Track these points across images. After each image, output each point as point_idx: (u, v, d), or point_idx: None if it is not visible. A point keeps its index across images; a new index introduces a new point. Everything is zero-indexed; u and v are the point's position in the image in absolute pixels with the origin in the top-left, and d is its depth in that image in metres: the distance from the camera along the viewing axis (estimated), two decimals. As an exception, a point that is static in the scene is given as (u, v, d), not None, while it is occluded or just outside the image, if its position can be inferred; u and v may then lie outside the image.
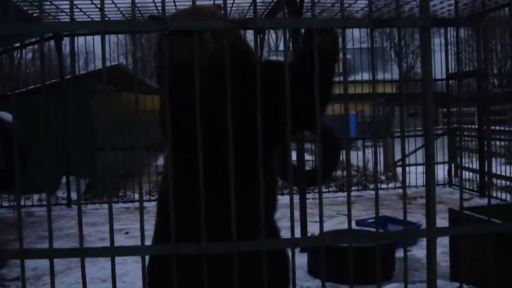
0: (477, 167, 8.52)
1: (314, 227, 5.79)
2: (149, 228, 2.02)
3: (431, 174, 1.74)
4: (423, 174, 7.70)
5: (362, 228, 5.35)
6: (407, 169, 8.72)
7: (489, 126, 8.19)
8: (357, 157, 9.97)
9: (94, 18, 7.67)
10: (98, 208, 8.34)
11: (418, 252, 5.18)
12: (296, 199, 5.16)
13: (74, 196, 8.56)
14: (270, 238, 1.86)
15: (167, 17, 1.67)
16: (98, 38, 8.28)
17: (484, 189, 8.14)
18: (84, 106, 9.11)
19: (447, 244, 4.16)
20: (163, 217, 2.18)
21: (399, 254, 4.69)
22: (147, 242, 1.71)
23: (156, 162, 9.15)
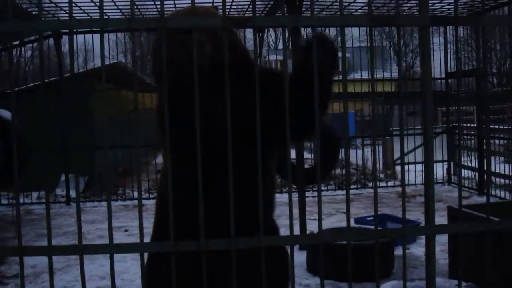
0: (476, 166, 8.53)
1: (313, 225, 5.80)
2: (148, 225, 2.02)
3: (430, 172, 1.75)
4: (422, 172, 7.71)
5: (361, 226, 5.35)
6: (406, 167, 8.73)
7: (488, 125, 8.20)
8: (356, 155, 9.98)
9: (93, 16, 7.67)
10: (97, 206, 8.35)
11: (417, 250, 5.19)
12: (295, 197, 5.20)
13: (73, 194, 8.57)
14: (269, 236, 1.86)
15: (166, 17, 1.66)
16: (97, 36, 8.29)
17: (483, 187, 8.15)
18: (83, 104, 9.11)
19: (446, 242, 4.17)
20: (162, 215, 2.18)
21: (398, 251, 4.70)
22: (146, 239, 1.71)
23: (155, 160, 9.15)
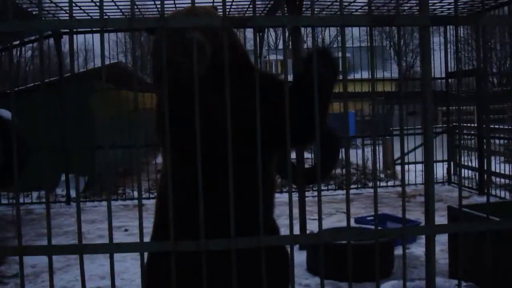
0: (476, 165, 8.53)
1: (313, 225, 5.80)
2: (148, 225, 2.02)
3: (430, 172, 1.75)
4: (422, 172, 7.70)
5: (361, 225, 5.35)
6: (406, 167, 8.71)
7: (488, 125, 8.19)
8: (356, 155, 9.98)
9: (93, 16, 7.67)
10: (97, 205, 8.35)
11: (417, 249, 5.19)
12: (295, 197, 5.20)
13: (73, 193, 8.57)
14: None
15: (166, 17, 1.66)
16: (98, 36, 8.28)
17: (483, 187, 8.15)
18: (83, 104, 9.11)
19: (446, 241, 4.17)
20: (162, 215, 2.18)
21: (398, 251, 4.70)
22: (146, 239, 1.71)
23: (155, 160, 9.15)
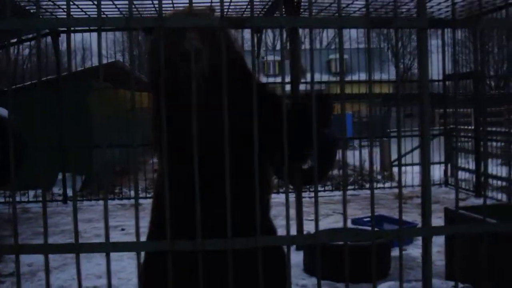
0: (473, 168, 8.55)
1: (310, 226, 5.79)
2: (144, 225, 2.02)
3: (427, 174, 1.75)
4: (419, 174, 7.71)
5: (358, 227, 5.36)
6: (403, 168, 8.77)
7: (485, 127, 8.21)
8: (353, 156, 9.99)
9: (91, 15, 7.66)
10: (94, 204, 8.34)
11: (413, 251, 5.20)
12: (292, 198, 5.19)
13: (70, 192, 8.55)
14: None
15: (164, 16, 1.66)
16: (95, 35, 8.27)
17: (480, 189, 8.17)
18: (81, 103, 9.10)
19: (443, 243, 4.18)
20: (159, 214, 2.18)
21: (395, 253, 4.70)
22: (143, 238, 1.71)
23: (152, 159, 9.14)
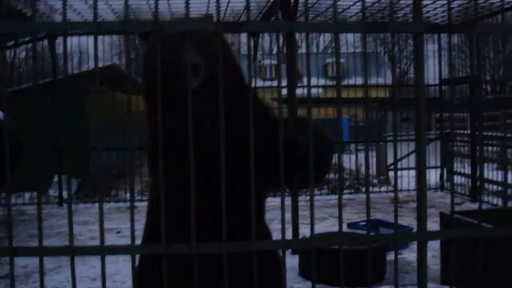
0: (469, 172, 8.57)
1: (305, 230, 5.80)
2: (140, 228, 2.01)
3: (423, 179, 1.76)
4: (415, 178, 7.73)
5: (353, 231, 5.36)
6: (399, 173, 8.76)
7: (481, 132, 8.24)
8: (349, 160, 10.00)
9: (88, 18, 7.66)
10: (90, 207, 8.32)
11: (409, 255, 5.20)
12: (287, 201, 5.20)
13: (65, 195, 8.53)
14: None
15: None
16: (92, 38, 8.26)
17: (475, 193, 8.19)
18: (77, 106, 9.09)
19: (438, 247, 4.19)
20: (154, 217, 2.17)
21: (390, 257, 4.71)
22: (138, 241, 1.71)
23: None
